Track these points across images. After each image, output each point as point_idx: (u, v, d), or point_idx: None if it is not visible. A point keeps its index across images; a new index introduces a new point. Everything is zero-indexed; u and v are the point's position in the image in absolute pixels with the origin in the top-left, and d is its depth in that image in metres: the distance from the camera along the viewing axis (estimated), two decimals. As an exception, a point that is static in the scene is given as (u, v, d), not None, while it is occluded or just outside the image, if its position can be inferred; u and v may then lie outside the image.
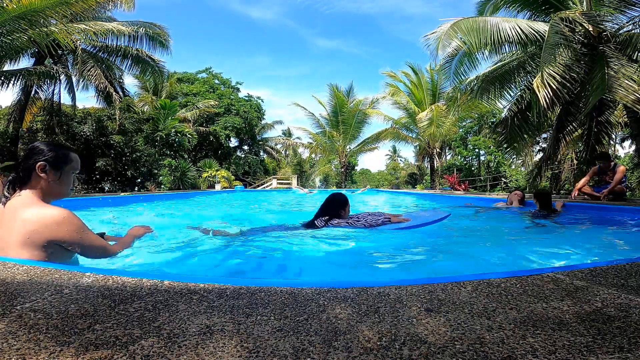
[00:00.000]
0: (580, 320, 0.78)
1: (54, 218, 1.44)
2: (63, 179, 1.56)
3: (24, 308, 0.83)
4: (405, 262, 2.15)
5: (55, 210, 1.48)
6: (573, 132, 8.51)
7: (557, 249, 2.49)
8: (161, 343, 0.67)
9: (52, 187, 1.53)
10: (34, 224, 1.42)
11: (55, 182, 1.53)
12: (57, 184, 1.54)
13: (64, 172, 1.55)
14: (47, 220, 1.43)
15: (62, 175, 1.55)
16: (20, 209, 1.44)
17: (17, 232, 1.41)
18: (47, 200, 1.55)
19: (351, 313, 0.83)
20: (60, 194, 1.58)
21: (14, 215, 1.44)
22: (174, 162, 14.78)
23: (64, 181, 1.57)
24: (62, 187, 1.56)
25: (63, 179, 1.55)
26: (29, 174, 1.50)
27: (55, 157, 1.52)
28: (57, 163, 1.53)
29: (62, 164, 1.54)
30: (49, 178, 1.51)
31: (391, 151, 46.78)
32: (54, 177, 1.52)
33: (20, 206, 1.45)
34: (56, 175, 1.53)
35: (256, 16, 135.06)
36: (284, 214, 6.24)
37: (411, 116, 18.13)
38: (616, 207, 4.61)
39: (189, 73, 26.75)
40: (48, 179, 1.51)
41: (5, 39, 7.72)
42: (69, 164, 1.57)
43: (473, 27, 7.33)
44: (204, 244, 2.64)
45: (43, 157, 1.50)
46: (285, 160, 32.89)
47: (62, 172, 1.55)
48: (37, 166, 1.48)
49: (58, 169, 1.53)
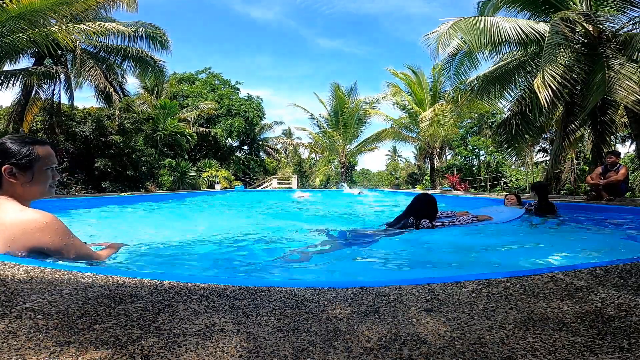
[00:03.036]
0: (580, 320, 0.78)
1: (35, 224, 1.32)
2: (37, 178, 1.40)
3: (24, 308, 0.83)
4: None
5: (36, 214, 1.35)
6: (575, 131, 8.52)
7: (557, 248, 2.49)
8: (161, 343, 0.67)
9: (27, 189, 1.39)
10: (13, 231, 1.30)
11: (29, 184, 1.39)
12: (31, 185, 1.39)
13: (35, 171, 1.39)
14: (27, 227, 1.31)
15: (35, 175, 1.40)
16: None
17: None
18: (26, 203, 1.41)
19: (351, 313, 0.83)
20: (38, 193, 1.44)
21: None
22: (174, 162, 14.79)
23: (39, 180, 1.41)
24: (38, 186, 1.42)
25: (37, 178, 1.40)
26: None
27: (21, 157, 1.35)
28: (25, 163, 1.36)
29: (30, 163, 1.38)
30: (20, 181, 1.37)
31: (391, 151, 46.79)
32: (25, 179, 1.37)
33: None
34: (27, 176, 1.38)
35: (257, 16, 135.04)
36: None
37: (411, 116, 18.13)
38: (616, 207, 4.61)
39: (189, 73, 26.75)
40: (19, 182, 1.37)
41: (6, 39, 7.73)
42: (39, 161, 1.40)
43: (473, 27, 7.33)
44: (204, 244, 2.64)
45: (8, 160, 1.34)
46: (285, 160, 32.88)
47: (33, 172, 1.39)
48: (3, 170, 1.33)
49: (28, 169, 1.38)
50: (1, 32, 7.54)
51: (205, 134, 21.93)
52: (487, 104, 10.06)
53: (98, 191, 13.13)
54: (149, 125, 15.44)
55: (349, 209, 7.01)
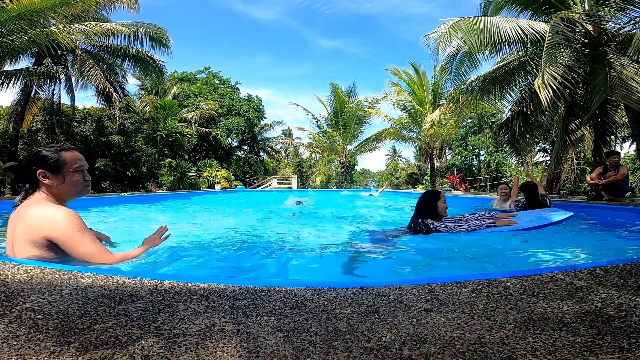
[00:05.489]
0: (580, 320, 0.78)
1: (49, 216, 1.47)
2: (68, 180, 1.58)
3: (24, 308, 0.83)
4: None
5: (56, 209, 1.50)
6: (575, 131, 8.51)
7: (557, 249, 2.49)
8: (161, 343, 0.67)
9: (61, 189, 1.57)
10: (32, 222, 1.46)
11: (61, 185, 1.57)
12: (64, 185, 1.57)
13: (64, 173, 1.57)
14: (44, 217, 1.46)
15: (66, 177, 1.57)
16: (26, 210, 1.50)
17: (21, 231, 1.47)
18: (63, 202, 1.60)
19: (351, 313, 0.83)
20: (73, 193, 1.62)
21: (22, 215, 1.50)
22: (174, 162, 14.78)
23: (70, 182, 1.59)
24: (70, 187, 1.59)
25: (67, 180, 1.58)
26: (35, 181, 1.55)
27: (51, 161, 1.55)
28: (54, 167, 1.55)
29: (59, 166, 1.56)
30: (54, 182, 1.55)
31: (391, 151, 46.78)
32: (57, 181, 1.56)
33: (27, 207, 1.51)
34: (59, 178, 1.56)
35: (258, 16, 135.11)
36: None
37: (412, 116, 18.12)
38: (616, 207, 4.61)
39: (189, 73, 26.75)
40: (53, 183, 1.55)
41: (6, 39, 7.73)
42: (66, 164, 1.58)
43: (473, 27, 7.33)
44: (204, 244, 2.64)
45: (41, 165, 1.54)
46: (285, 160, 32.87)
47: (63, 174, 1.57)
48: (37, 173, 1.53)
49: (58, 172, 1.56)
50: (1, 32, 7.54)
51: (206, 134, 21.94)
52: (487, 104, 10.04)
53: (98, 191, 13.13)
54: (149, 125, 15.44)
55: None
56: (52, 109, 13.12)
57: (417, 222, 2.94)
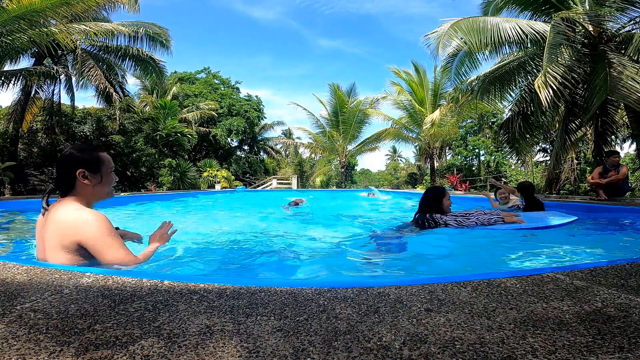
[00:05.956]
0: (580, 320, 0.78)
1: (79, 219, 1.44)
2: (105, 180, 1.59)
3: (24, 308, 0.83)
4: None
5: (85, 212, 1.47)
6: (575, 131, 8.51)
7: (557, 248, 2.49)
8: (161, 343, 0.67)
9: (96, 190, 1.57)
10: (62, 226, 1.44)
11: (98, 185, 1.57)
12: (100, 186, 1.58)
13: (103, 173, 1.58)
14: (75, 222, 1.44)
15: (103, 177, 1.58)
16: (57, 214, 1.47)
17: (52, 236, 1.44)
18: (92, 204, 1.59)
19: (351, 313, 0.83)
20: (105, 194, 1.62)
21: (52, 220, 1.47)
22: (174, 162, 14.78)
23: (106, 181, 1.61)
24: (105, 187, 1.60)
25: (105, 179, 1.59)
26: (72, 182, 1.52)
27: (92, 161, 1.55)
28: (94, 166, 1.55)
29: (99, 166, 1.57)
30: (92, 182, 1.54)
31: (391, 151, 46.79)
32: (96, 181, 1.56)
33: (57, 211, 1.48)
34: (97, 178, 1.56)
35: (258, 16, 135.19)
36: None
37: (412, 116, 18.11)
38: (616, 207, 4.61)
39: (189, 73, 26.76)
40: (91, 184, 1.54)
41: (6, 39, 7.73)
42: (104, 164, 1.60)
43: (473, 27, 7.32)
44: (204, 244, 2.64)
45: (80, 165, 1.52)
46: (285, 160, 32.87)
47: (101, 174, 1.58)
48: (77, 173, 1.51)
49: (97, 172, 1.56)
50: (1, 32, 7.54)
51: (206, 134, 21.94)
52: (487, 104, 10.03)
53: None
54: (149, 125, 15.44)
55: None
56: (52, 109, 13.12)
57: (425, 217, 2.93)
